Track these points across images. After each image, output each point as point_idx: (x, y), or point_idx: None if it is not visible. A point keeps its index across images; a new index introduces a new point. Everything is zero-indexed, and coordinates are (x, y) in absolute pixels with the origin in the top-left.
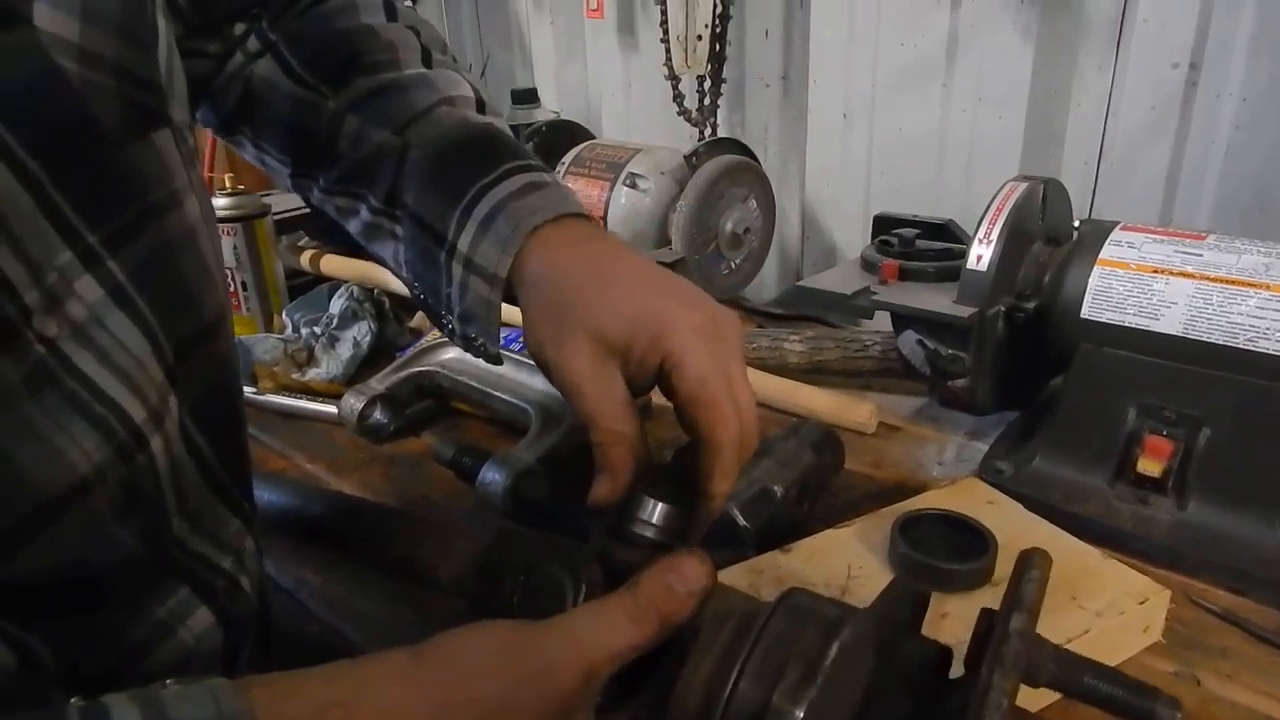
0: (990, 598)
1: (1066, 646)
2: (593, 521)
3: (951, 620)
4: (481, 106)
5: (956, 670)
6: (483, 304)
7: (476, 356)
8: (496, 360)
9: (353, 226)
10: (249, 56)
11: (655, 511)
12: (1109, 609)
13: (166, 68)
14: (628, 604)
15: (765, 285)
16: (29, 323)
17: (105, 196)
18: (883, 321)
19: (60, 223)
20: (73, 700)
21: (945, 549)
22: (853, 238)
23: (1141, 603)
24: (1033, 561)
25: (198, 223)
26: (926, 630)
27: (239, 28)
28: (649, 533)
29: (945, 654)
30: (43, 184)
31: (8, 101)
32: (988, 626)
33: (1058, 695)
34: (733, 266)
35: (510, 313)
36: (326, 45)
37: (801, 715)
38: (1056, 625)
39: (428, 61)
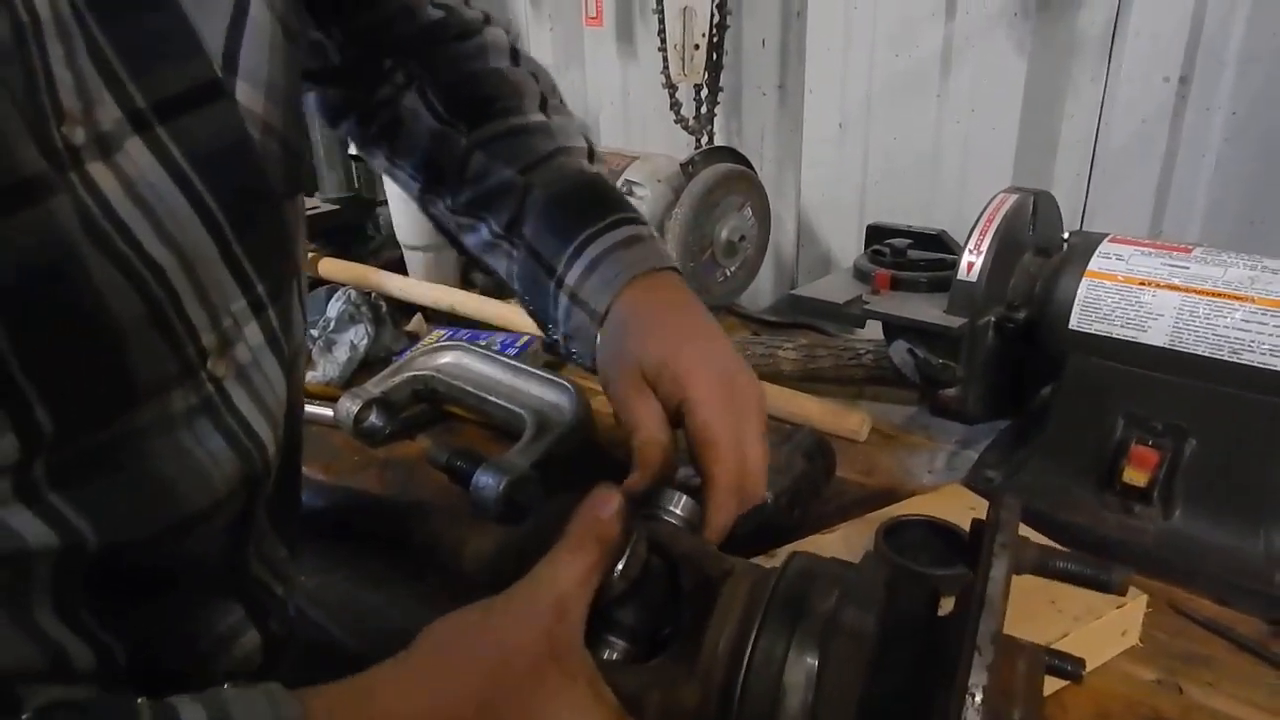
0: None
1: None
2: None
3: None
4: (591, 156)
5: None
6: (584, 330)
7: (570, 362)
8: (592, 370)
9: (470, 240)
10: (396, 88)
11: (680, 503)
12: (1087, 613)
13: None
14: (568, 541)
15: (760, 293)
16: (204, 364)
17: (270, 251)
18: (875, 330)
19: (238, 272)
20: (140, 700)
21: (928, 554)
22: (847, 246)
23: (1119, 607)
24: (1004, 501)
25: (301, 272)
26: None
27: (388, 63)
28: (674, 520)
29: (935, 593)
30: (227, 237)
31: (212, 164)
32: (980, 531)
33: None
34: (728, 274)
35: (507, 320)
36: (462, 87)
37: (815, 660)
38: (1036, 630)
39: (544, 107)
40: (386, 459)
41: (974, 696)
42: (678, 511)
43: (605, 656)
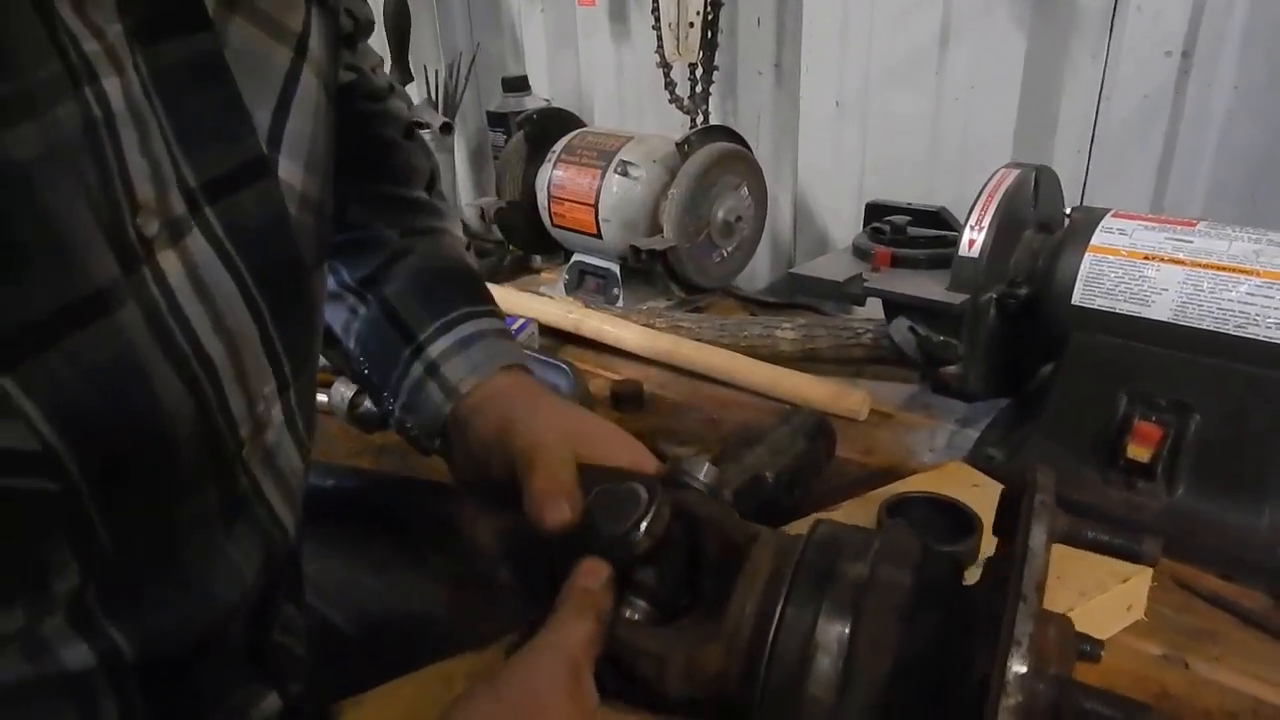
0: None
1: None
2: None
3: None
4: (468, 247)
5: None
6: (433, 406)
7: (408, 442)
8: (427, 452)
9: None
10: None
11: (705, 470)
12: (1093, 588)
13: None
14: (569, 607)
15: (758, 274)
16: (240, 454)
17: (301, 327)
18: (875, 310)
19: (272, 354)
20: None
21: (932, 531)
22: (845, 226)
23: (1124, 581)
24: (1039, 467)
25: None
26: None
27: None
28: (699, 486)
29: (959, 564)
30: (265, 318)
31: (253, 244)
32: (1015, 496)
33: None
34: (724, 255)
35: (504, 303)
36: (354, 143)
37: (849, 619)
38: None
39: (429, 189)
40: (382, 445)
41: (1020, 644)
42: (701, 478)
43: (626, 616)
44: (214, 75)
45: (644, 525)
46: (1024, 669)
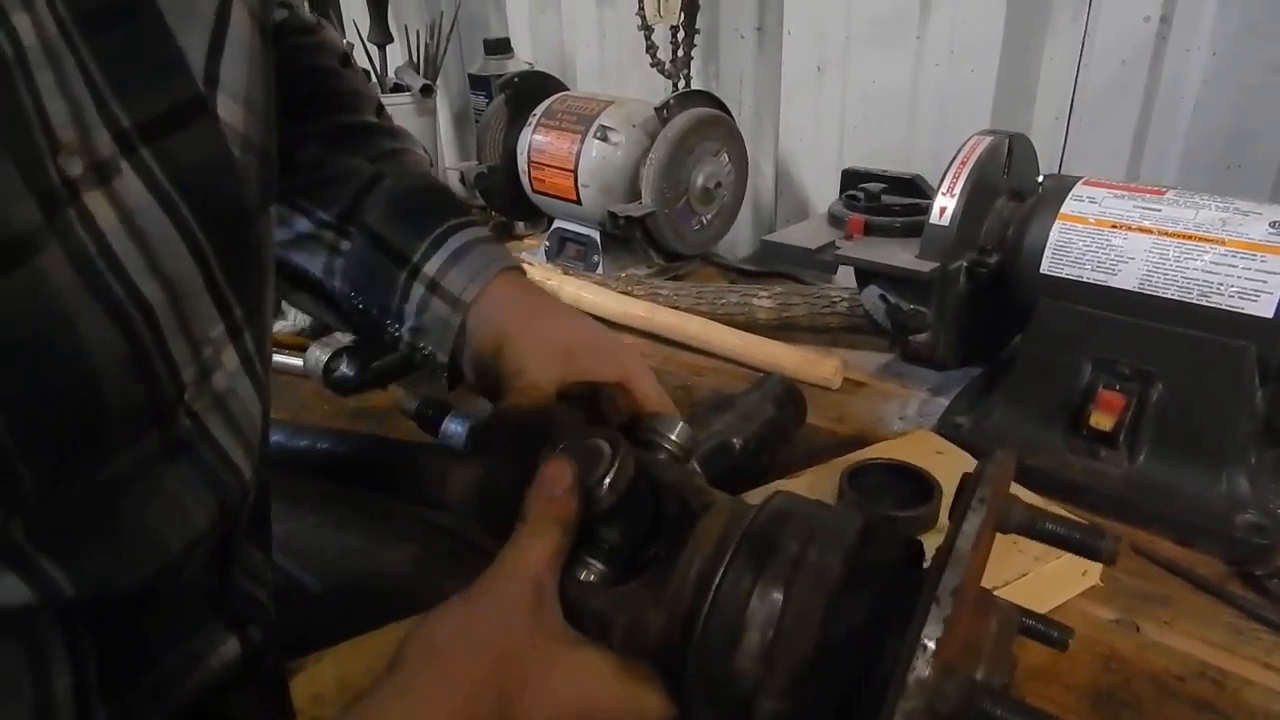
0: (936, 542)
1: (1005, 589)
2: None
3: None
4: (432, 164)
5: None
6: (440, 323)
7: (422, 365)
8: (443, 370)
9: (279, 234)
10: None
11: (678, 430)
12: (1047, 553)
13: None
14: (529, 525)
15: (739, 241)
16: (182, 398)
17: (248, 270)
18: (851, 278)
19: (218, 297)
20: None
21: (892, 497)
22: (827, 193)
23: None
24: (994, 455)
25: (272, 281)
26: None
27: None
28: (670, 446)
29: (916, 545)
30: (209, 262)
31: (195, 187)
32: (967, 484)
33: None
34: (704, 222)
35: None
36: (299, 79)
37: (780, 597)
38: (996, 570)
39: (379, 114)
40: (357, 409)
41: (926, 648)
42: (673, 437)
43: (581, 577)
44: (140, 14)
45: (607, 480)
46: (927, 673)
